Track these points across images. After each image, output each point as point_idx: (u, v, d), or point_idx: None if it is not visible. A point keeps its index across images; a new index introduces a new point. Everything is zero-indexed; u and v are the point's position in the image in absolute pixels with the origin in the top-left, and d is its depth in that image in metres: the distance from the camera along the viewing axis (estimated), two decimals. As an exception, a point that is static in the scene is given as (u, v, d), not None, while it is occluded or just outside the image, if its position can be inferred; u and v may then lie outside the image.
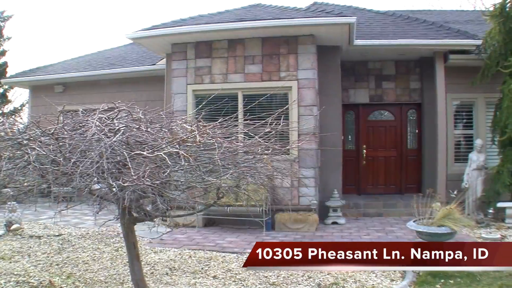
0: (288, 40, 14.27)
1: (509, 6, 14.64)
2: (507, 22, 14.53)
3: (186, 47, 14.75)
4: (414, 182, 17.72)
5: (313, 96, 14.02)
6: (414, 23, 17.35)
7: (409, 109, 17.97)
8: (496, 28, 14.77)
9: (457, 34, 16.06)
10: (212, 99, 8.96)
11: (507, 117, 13.99)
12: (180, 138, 5.69)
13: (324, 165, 14.85)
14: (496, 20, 14.76)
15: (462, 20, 21.65)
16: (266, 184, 9.50)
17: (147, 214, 6.82)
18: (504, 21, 14.60)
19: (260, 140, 6.85)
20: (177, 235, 12.60)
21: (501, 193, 14.14)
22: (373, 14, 18.79)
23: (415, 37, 15.90)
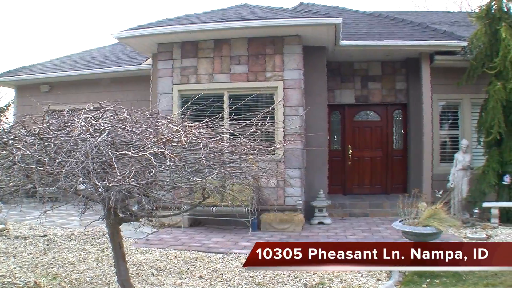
0: (274, 40, 14.28)
1: (494, 7, 14.75)
2: (493, 23, 14.64)
3: (172, 47, 14.72)
4: (400, 182, 17.80)
5: (299, 97, 14.03)
6: (400, 24, 17.43)
7: (395, 110, 18.04)
8: (482, 30, 14.87)
9: (443, 35, 16.15)
10: (198, 99, 8.98)
11: (492, 118, 14.06)
12: (166, 138, 5.69)
13: (310, 165, 14.89)
14: (482, 21, 14.87)
15: (448, 21, 21.78)
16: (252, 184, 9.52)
17: (132, 214, 6.81)
18: (489, 22, 14.70)
19: (246, 140, 6.85)
20: (163, 236, 12.58)
21: (487, 193, 14.23)
22: (359, 15, 18.85)
23: (401, 38, 15.97)
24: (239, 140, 6.87)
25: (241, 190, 9.62)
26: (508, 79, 13.97)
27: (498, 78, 14.29)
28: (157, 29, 14.37)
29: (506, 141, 14.27)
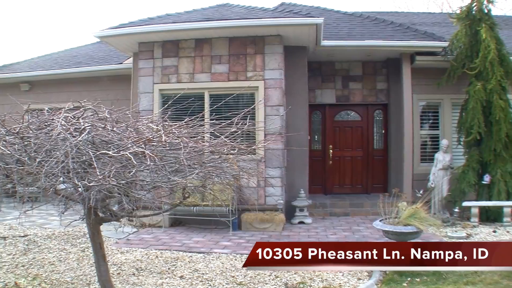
0: (255, 40, 14.28)
1: (475, 9, 14.90)
2: (473, 24, 14.79)
3: (153, 46, 14.67)
4: (380, 182, 17.88)
5: (279, 96, 14.04)
6: (381, 24, 17.49)
7: (375, 110, 18.10)
8: (462, 31, 15.03)
9: (424, 36, 16.26)
10: (178, 99, 8.95)
11: (472, 118, 14.18)
12: (146, 137, 5.68)
13: (290, 165, 14.92)
14: (462, 22, 15.03)
15: (429, 22, 21.92)
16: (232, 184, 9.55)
17: (113, 214, 6.78)
18: (470, 23, 14.87)
19: (226, 140, 6.85)
20: (143, 235, 12.53)
21: (467, 192, 14.37)
22: (340, 15, 18.88)
23: (382, 39, 16.03)
24: (220, 140, 6.86)
25: (222, 190, 9.62)
26: (488, 80, 14.10)
27: (478, 79, 14.42)
28: (138, 28, 14.32)
29: (485, 141, 14.39)
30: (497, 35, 14.82)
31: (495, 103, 14.02)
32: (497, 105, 14.00)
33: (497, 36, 14.78)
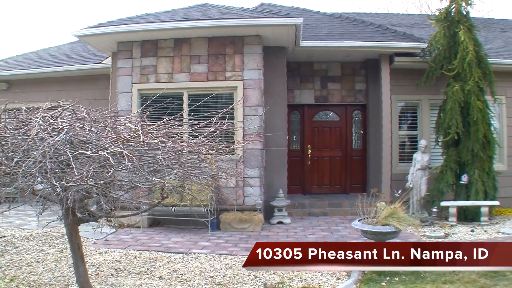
0: (234, 40, 14.27)
1: (454, 11, 14.99)
2: (452, 26, 14.89)
3: (132, 45, 14.61)
4: (359, 182, 17.94)
5: (258, 96, 14.05)
6: (360, 25, 17.54)
7: (354, 110, 18.15)
8: (441, 32, 15.13)
9: (403, 37, 16.33)
10: (157, 99, 8.96)
11: (450, 119, 14.28)
12: (124, 137, 5.67)
13: (269, 165, 14.94)
14: (441, 24, 15.13)
15: (408, 23, 22.05)
16: (211, 184, 9.51)
17: (91, 214, 6.76)
18: (449, 25, 14.98)
19: (205, 140, 6.85)
20: (122, 236, 12.49)
21: (445, 192, 14.50)
22: (320, 15, 18.91)
23: (361, 39, 16.06)
24: (198, 140, 6.86)
25: (200, 190, 9.60)
26: (466, 81, 14.20)
27: (456, 80, 14.53)
28: (117, 28, 14.24)
29: (463, 142, 14.49)
30: (475, 37, 14.95)
31: (473, 104, 14.13)
32: (475, 106, 14.10)
33: (475, 38, 14.91)
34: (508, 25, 23.83)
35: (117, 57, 14.87)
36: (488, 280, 8.33)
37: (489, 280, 8.31)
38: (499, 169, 15.73)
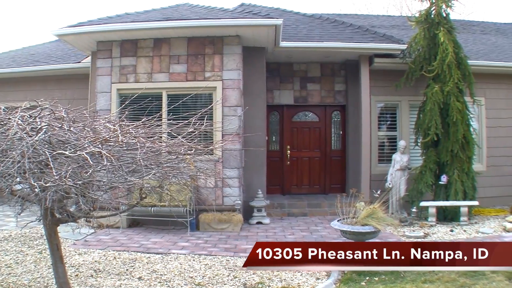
0: (214, 40, 14.27)
1: (434, 13, 15.07)
2: (432, 28, 14.99)
3: (112, 45, 14.56)
4: (338, 182, 18.00)
5: (237, 97, 14.06)
6: (340, 26, 17.57)
7: (333, 111, 18.20)
8: (421, 34, 15.25)
9: (383, 38, 16.41)
10: (136, 99, 8.91)
11: (430, 120, 14.36)
12: (103, 137, 5.65)
13: (248, 165, 14.95)
14: (421, 25, 15.24)
15: (388, 25, 22.19)
16: (190, 184, 9.49)
17: (70, 215, 6.73)
18: (429, 27, 15.07)
19: (183, 140, 6.84)
20: (101, 236, 12.43)
21: (424, 192, 14.59)
22: (300, 16, 18.91)
23: (341, 40, 16.08)
24: (177, 140, 6.86)
25: (179, 190, 9.58)
26: (446, 82, 14.29)
27: (435, 81, 14.62)
28: (96, 27, 14.17)
29: (443, 142, 14.57)
30: (455, 38, 15.04)
31: (452, 105, 14.22)
32: (454, 107, 14.19)
33: (455, 39, 15.00)
34: (488, 27, 24.07)
35: (97, 56, 14.80)
36: (468, 279, 8.39)
37: (469, 279, 8.37)
38: (478, 170, 15.91)
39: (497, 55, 18.51)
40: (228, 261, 10.06)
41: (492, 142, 17.51)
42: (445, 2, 15.01)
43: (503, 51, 19.28)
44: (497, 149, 17.51)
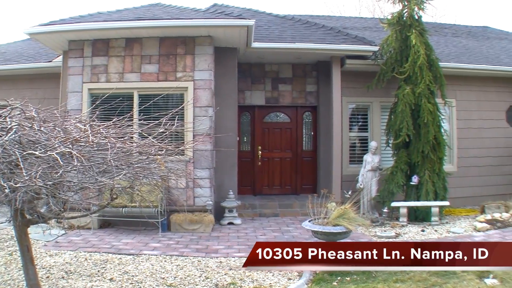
0: (185, 41, 14.25)
1: (406, 15, 15.20)
2: (404, 30, 15.12)
3: (84, 44, 14.45)
4: (309, 182, 18.08)
5: (209, 97, 14.05)
6: (313, 27, 17.61)
7: (305, 112, 18.27)
8: (393, 36, 15.36)
9: (355, 40, 16.49)
10: (108, 99, 8.88)
11: (401, 121, 14.47)
12: (73, 137, 5.62)
13: (219, 166, 14.97)
14: (393, 27, 15.34)
15: (361, 26, 22.33)
16: (161, 185, 9.48)
17: (40, 216, 6.69)
18: (401, 29, 15.19)
19: (154, 141, 6.83)
20: (72, 237, 12.33)
21: (395, 193, 14.71)
22: (272, 17, 18.93)
23: (313, 42, 16.12)
24: (148, 140, 6.84)
25: (150, 191, 9.55)
26: (417, 84, 14.42)
27: (407, 83, 14.74)
28: (68, 26, 14.05)
29: (414, 143, 14.69)
30: (426, 40, 15.17)
31: (424, 107, 14.33)
32: (426, 109, 14.30)
33: (426, 41, 15.13)
34: (459, 30, 24.35)
35: (68, 56, 14.69)
36: (439, 278, 8.47)
37: (440, 278, 8.45)
38: (449, 170, 16.05)
39: (468, 58, 18.73)
40: (199, 261, 10.05)
41: (463, 143, 17.72)
42: (417, 4, 15.13)
43: (473, 54, 19.53)
44: (468, 150, 17.73)
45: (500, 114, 18.49)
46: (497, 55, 19.90)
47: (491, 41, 22.53)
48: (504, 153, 18.14)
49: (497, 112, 18.42)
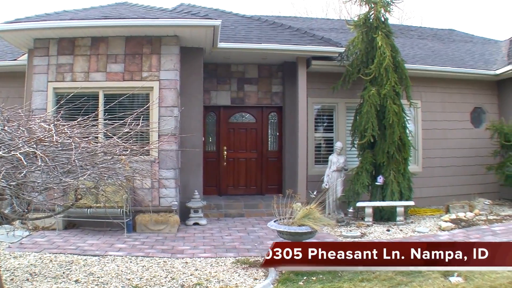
0: (151, 40, 14.20)
1: (372, 17, 15.37)
2: (370, 31, 15.27)
3: (49, 43, 14.29)
4: (275, 183, 18.13)
5: (174, 97, 14.01)
6: (279, 28, 17.63)
7: (270, 112, 18.32)
8: (359, 37, 15.53)
9: (321, 41, 16.55)
10: (73, 98, 8.84)
11: (366, 122, 14.59)
12: (37, 137, 5.57)
13: (185, 166, 14.96)
14: (359, 29, 15.51)
15: (327, 28, 22.42)
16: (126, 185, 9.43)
17: (4, 217, 6.62)
18: (367, 30, 15.35)
19: (119, 141, 6.78)
20: (37, 239, 12.20)
21: (361, 193, 14.84)
22: (239, 17, 18.92)
23: (279, 42, 16.15)
24: (112, 140, 6.79)
25: (116, 191, 9.51)
26: (383, 85, 14.55)
27: (373, 84, 14.87)
28: (33, 24, 13.89)
29: (379, 144, 14.82)
30: (392, 42, 15.33)
31: (389, 108, 14.46)
32: (391, 110, 14.43)
33: (392, 43, 15.29)
34: (425, 32, 24.63)
35: (34, 54, 14.53)
36: (404, 277, 8.53)
37: (405, 277, 8.51)
38: (414, 171, 16.30)
39: (433, 60, 18.94)
40: (165, 262, 10.02)
41: (428, 144, 17.95)
42: (384, 6, 15.26)
43: (439, 56, 19.76)
44: (433, 150, 17.97)
45: (464, 115, 18.75)
46: (462, 57, 20.16)
47: (457, 44, 22.80)
48: (469, 154, 18.39)
49: (462, 114, 18.68)
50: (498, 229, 13.22)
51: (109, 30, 13.95)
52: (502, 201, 18.38)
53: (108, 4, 16.75)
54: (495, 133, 17.28)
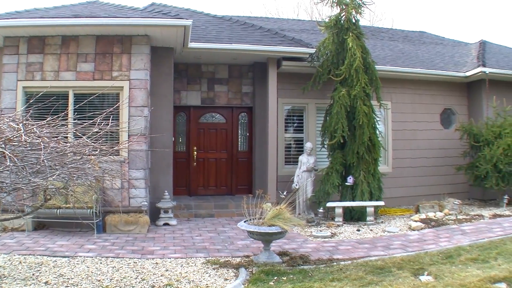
0: (122, 40, 14.13)
1: (343, 18, 15.50)
2: (341, 33, 15.36)
3: (19, 41, 14.15)
4: (245, 183, 18.16)
5: (144, 97, 13.97)
6: (250, 29, 17.67)
7: (240, 112, 18.34)
8: (330, 38, 15.63)
9: (291, 41, 16.61)
10: (43, 97, 8.79)
11: (336, 122, 14.66)
12: (6, 137, 5.52)
13: (154, 166, 14.92)
14: (330, 30, 15.61)
15: (298, 28, 22.52)
16: (95, 185, 9.38)
17: (-29, 217, 6.56)
18: (338, 32, 15.44)
19: (88, 141, 6.74)
20: (5, 240, 12.07)
21: (331, 193, 14.91)
22: (210, 18, 18.92)
23: (250, 43, 16.18)
24: (82, 140, 6.75)
25: (85, 192, 9.45)
26: (353, 86, 14.64)
27: (343, 85, 14.96)
28: (3, 22, 13.70)
29: (349, 144, 14.92)
30: (363, 44, 15.43)
31: (359, 109, 14.55)
32: (361, 111, 14.52)
33: (363, 45, 15.39)
34: (396, 34, 24.88)
35: (3, 52, 14.37)
36: (375, 276, 8.57)
37: (376, 277, 8.55)
38: (384, 171, 16.45)
39: (403, 61, 19.12)
40: (135, 263, 9.97)
41: (398, 145, 18.15)
42: (355, 8, 15.35)
43: (409, 58, 19.95)
44: (402, 151, 18.18)
45: (434, 116, 18.95)
46: (432, 59, 20.36)
47: (427, 46, 23.05)
48: (438, 155, 18.61)
49: (432, 115, 18.89)
50: (468, 228, 13.31)
51: (79, 29, 13.85)
52: (471, 201, 18.65)
53: (80, 2, 16.67)
54: (464, 134, 17.53)
